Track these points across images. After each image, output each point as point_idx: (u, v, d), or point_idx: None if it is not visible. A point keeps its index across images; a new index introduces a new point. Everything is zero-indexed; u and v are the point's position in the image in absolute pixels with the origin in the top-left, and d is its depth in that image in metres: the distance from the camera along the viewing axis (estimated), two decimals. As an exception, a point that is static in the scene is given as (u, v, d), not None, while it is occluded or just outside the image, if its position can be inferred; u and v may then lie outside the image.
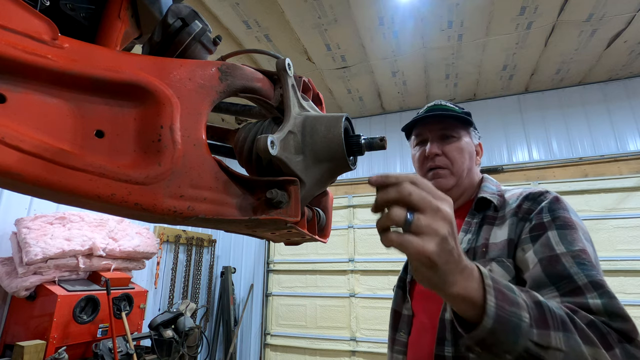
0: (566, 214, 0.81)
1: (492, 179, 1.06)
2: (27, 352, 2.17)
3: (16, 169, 0.31)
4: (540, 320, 0.55)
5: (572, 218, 0.80)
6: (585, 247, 0.74)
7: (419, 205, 0.47)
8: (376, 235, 3.76)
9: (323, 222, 0.62)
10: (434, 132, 1.04)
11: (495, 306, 0.52)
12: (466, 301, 0.52)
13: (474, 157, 1.06)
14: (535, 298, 0.59)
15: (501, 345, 0.53)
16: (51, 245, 2.46)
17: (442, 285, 0.50)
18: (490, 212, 0.93)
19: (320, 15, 2.97)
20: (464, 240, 0.91)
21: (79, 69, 0.36)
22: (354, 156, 0.53)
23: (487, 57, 3.52)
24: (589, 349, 0.56)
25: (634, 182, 3.52)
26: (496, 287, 0.54)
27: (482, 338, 0.53)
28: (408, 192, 0.46)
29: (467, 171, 1.02)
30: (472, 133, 1.09)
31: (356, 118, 4.81)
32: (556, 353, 0.54)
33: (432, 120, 1.05)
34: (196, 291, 4.49)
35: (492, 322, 0.52)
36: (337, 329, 4.20)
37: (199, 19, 0.55)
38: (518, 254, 0.81)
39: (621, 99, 3.81)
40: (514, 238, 0.83)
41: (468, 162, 1.03)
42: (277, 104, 0.54)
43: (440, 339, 0.82)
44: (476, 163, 1.08)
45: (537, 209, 0.84)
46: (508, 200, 0.93)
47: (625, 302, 3.25)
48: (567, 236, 0.76)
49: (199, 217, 0.41)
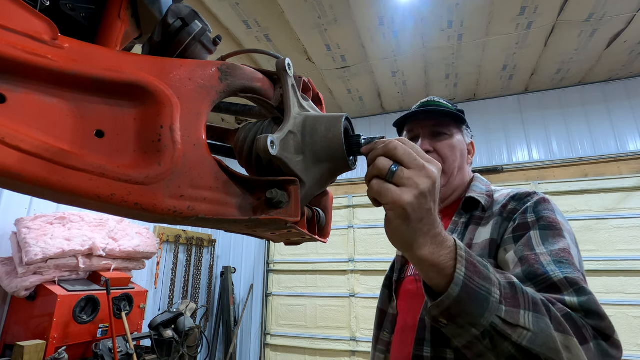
0: (551, 215, 0.79)
1: (483, 179, 1.05)
2: (27, 352, 2.17)
3: (16, 169, 0.31)
4: (510, 298, 0.55)
5: (557, 219, 0.79)
6: (566, 247, 0.72)
7: (404, 159, 0.48)
8: (376, 235, 3.76)
9: (323, 222, 0.62)
10: (425, 129, 1.02)
11: (464, 276, 0.52)
12: (435, 268, 0.52)
13: (465, 156, 1.05)
14: (510, 279, 0.58)
15: (467, 317, 0.52)
16: (51, 245, 2.46)
17: (411, 245, 0.50)
18: (478, 213, 0.92)
19: (320, 15, 2.97)
20: None
21: (79, 69, 0.36)
22: (354, 156, 0.53)
23: (487, 57, 3.52)
24: (560, 336, 0.54)
25: (634, 182, 3.51)
26: (469, 259, 0.54)
27: (447, 306, 0.52)
28: (394, 147, 0.49)
29: (458, 170, 1.01)
30: (464, 131, 1.07)
31: (356, 118, 4.81)
32: (524, 332, 0.53)
33: (424, 117, 1.03)
34: (196, 291, 4.49)
35: (458, 291, 0.51)
36: (337, 329, 4.20)
37: (199, 19, 0.55)
38: (500, 254, 0.80)
39: (621, 99, 3.81)
40: (497, 238, 0.82)
41: (459, 160, 1.01)
42: (277, 104, 0.54)
43: (419, 339, 0.81)
44: (468, 162, 1.06)
45: (521, 209, 0.83)
46: (496, 200, 0.92)
47: (625, 302, 3.26)
48: (549, 237, 0.74)
49: (199, 217, 0.41)
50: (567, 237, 0.76)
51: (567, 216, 3.90)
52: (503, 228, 0.83)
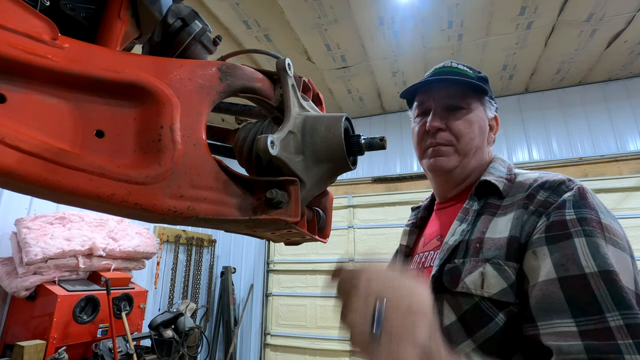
0: (597, 215, 0.61)
1: (505, 159, 0.89)
2: (27, 352, 2.17)
3: (16, 169, 0.31)
4: None
5: (606, 221, 0.60)
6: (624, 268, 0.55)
7: None
8: (376, 235, 3.77)
9: (323, 222, 0.62)
10: (438, 101, 0.86)
11: None
12: None
13: (486, 133, 0.88)
14: None
15: None
16: (51, 245, 2.46)
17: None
18: (494, 200, 0.75)
19: (320, 15, 2.97)
20: (457, 230, 0.75)
21: (79, 69, 0.36)
22: (354, 156, 0.53)
23: (487, 57, 3.52)
24: None
25: (634, 182, 3.51)
26: None
27: None
28: None
29: (476, 150, 0.85)
30: (487, 104, 0.89)
31: (356, 118, 4.81)
32: None
33: (437, 86, 0.86)
34: (196, 291, 4.49)
35: None
36: (337, 329, 4.19)
37: (199, 19, 0.55)
38: (528, 259, 0.63)
39: (621, 99, 3.81)
40: (520, 236, 0.65)
41: (478, 139, 0.85)
42: (277, 104, 0.54)
43: None
44: (489, 141, 0.90)
45: (557, 202, 0.64)
46: (519, 185, 0.74)
47: (625, 302, 3.27)
48: (600, 248, 0.56)
49: (199, 217, 0.41)
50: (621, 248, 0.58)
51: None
52: (530, 224, 0.65)
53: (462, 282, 0.66)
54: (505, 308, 0.62)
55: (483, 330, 0.62)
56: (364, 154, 0.52)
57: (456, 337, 0.64)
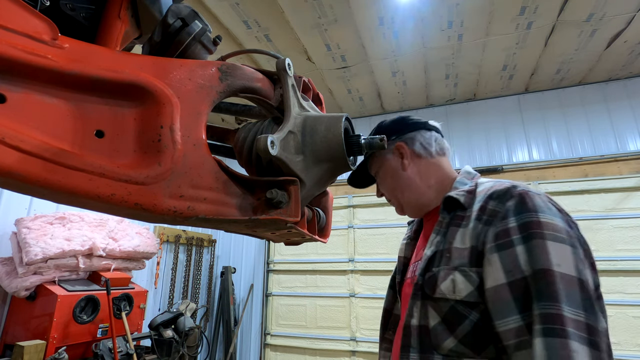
0: (537, 216, 0.70)
1: (471, 171, 0.96)
2: (27, 352, 2.17)
3: (16, 169, 0.31)
4: None
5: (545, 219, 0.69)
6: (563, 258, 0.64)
7: None
8: (376, 235, 3.77)
9: (323, 222, 0.62)
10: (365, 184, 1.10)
11: None
12: None
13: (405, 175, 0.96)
14: None
15: None
16: (51, 245, 2.46)
17: None
18: (460, 212, 0.83)
19: (320, 15, 2.97)
20: (433, 242, 0.83)
21: (79, 69, 0.36)
22: (354, 156, 0.53)
23: (487, 57, 3.52)
24: None
25: (634, 182, 3.51)
26: None
27: None
28: None
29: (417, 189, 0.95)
30: (389, 152, 0.98)
31: (356, 118, 4.81)
32: None
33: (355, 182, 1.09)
34: (196, 291, 4.49)
35: None
36: (337, 329, 4.20)
37: (199, 19, 0.55)
38: (484, 264, 0.72)
39: (621, 99, 3.81)
40: (477, 245, 0.74)
41: (402, 181, 0.96)
42: (277, 104, 0.54)
43: (404, 346, 0.77)
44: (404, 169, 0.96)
45: (501, 212, 0.74)
46: (477, 196, 0.83)
47: (625, 302, 3.26)
48: (537, 249, 0.66)
49: (199, 217, 0.41)
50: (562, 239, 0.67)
51: (567, 216, 3.63)
52: (483, 234, 0.74)
53: (438, 288, 0.75)
54: (476, 307, 0.71)
55: (461, 327, 0.71)
56: (364, 154, 0.52)
57: (441, 336, 0.72)
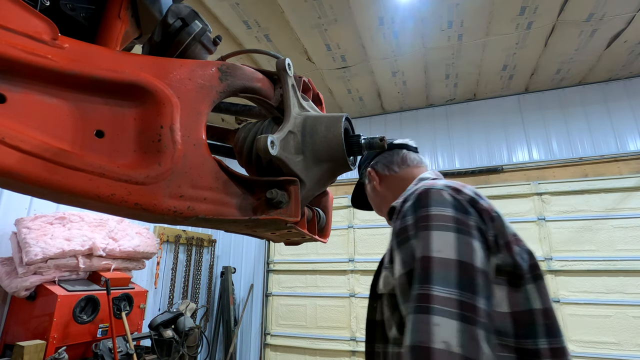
0: (428, 210, 0.75)
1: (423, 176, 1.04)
2: (27, 352, 2.17)
3: (16, 169, 0.31)
4: None
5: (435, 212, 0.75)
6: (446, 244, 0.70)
7: None
8: (376, 235, 3.77)
9: (323, 222, 0.62)
10: None
11: None
12: None
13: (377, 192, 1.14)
14: None
15: None
16: (51, 245, 2.46)
17: None
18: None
19: (320, 15, 2.97)
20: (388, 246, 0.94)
21: (79, 69, 0.36)
22: (354, 156, 0.53)
23: (487, 57, 3.52)
24: None
25: (634, 182, 3.51)
26: None
27: None
28: None
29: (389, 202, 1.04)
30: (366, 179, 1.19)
31: (356, 118, 4.81)
32: None
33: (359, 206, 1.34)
34: (196, 291, 4.49)
35: None
36: (337, 329, 4.20)
37: (199, 19, 0.55)
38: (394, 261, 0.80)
39: (621, 99, 3.81)
40: (392, 244, 0.82)
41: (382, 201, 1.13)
42: (277, 104, 0.54)
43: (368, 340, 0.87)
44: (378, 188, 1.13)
45: (403, 211, 0.81)
46: None
47: (625, 302, 3.26)
48: (423, 241, 0.72)
49: (199, 217, 0.41)
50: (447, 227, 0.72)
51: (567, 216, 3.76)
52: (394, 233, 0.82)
53: (379, 285, 0.86)
54: None
55: (395, 318, 0.79)
56: (364, 154, 0.52)
57: (389, 323, 0.81)
